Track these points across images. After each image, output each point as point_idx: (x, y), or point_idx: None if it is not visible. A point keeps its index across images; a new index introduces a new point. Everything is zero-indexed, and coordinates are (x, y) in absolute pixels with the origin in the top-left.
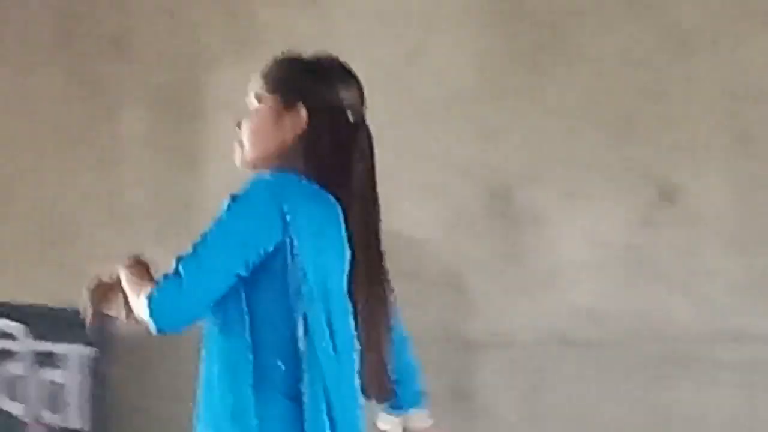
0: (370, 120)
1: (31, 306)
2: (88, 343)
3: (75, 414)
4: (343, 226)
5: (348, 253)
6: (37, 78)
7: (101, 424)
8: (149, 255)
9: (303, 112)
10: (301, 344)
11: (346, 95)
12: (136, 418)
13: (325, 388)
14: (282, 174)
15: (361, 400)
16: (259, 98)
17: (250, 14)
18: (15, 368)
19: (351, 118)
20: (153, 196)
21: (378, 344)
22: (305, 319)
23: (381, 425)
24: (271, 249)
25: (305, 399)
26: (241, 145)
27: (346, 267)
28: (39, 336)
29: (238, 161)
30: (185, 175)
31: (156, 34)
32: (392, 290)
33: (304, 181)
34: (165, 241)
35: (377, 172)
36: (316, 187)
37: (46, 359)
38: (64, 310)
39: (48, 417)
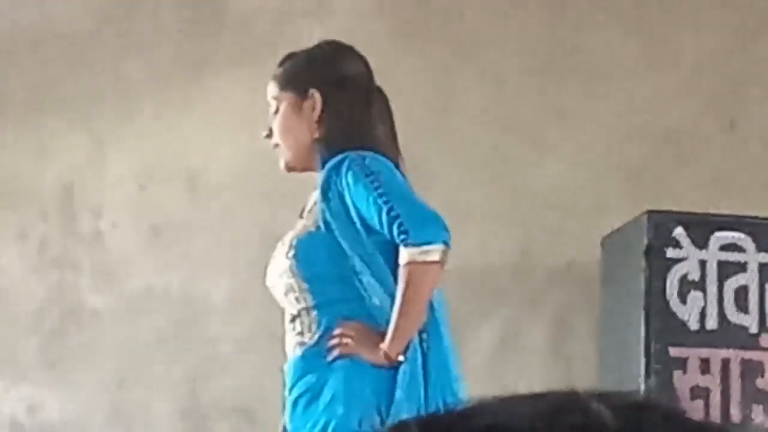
0: None
1: (756, 218)
2: None
3: None
4: None
5: None
6: None
7: None
8: None
9: (317, 95)
10: None
11: (350, 66)
12: None
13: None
14: (364, 154)
15: None
16: (277, 100)
17: None
18: (743, 280)
19: (362, 85)
20: None
21: None
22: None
23: None
24: None
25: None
26: (279, 149)
27: None
28: (765, 247)
29: (282, 165)
30: None
31: None
32: None
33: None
34: None
35: None
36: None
37: None
38: None
39: None
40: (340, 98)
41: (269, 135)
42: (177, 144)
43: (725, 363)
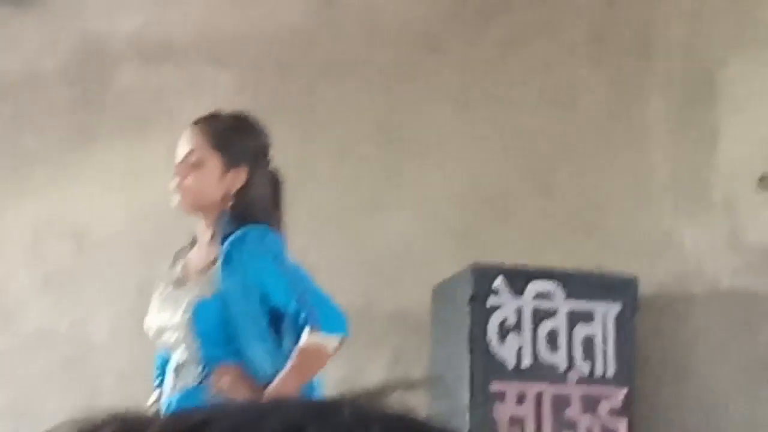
0: None
1: (566, 269)
2: (615, 301)
3: (604, 363)
4: None
5: None
6: (570, 73)
7: (626, 372)
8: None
9: (244, 172)
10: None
11: (266, 142)
12: (659, 368)
13: None
14: (268, 229)
15: None
16: (200, 150)
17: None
18: (554, 324)
19: (270, 162)
20: (673, 175)
21: None
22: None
23: None
24: None
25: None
26: (180, 191)
27: None
28: (573, 295)
29: (175, 205)
30: (702, 156)
31: (674, 33)
32: None
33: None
34: (683, 215)
35: None
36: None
37: (580, 315)
38: (593, 272)
39: (581, 365)
40: (259, 176)
41: (181, 177)
42: (67, 204)
43: (538, 396)
